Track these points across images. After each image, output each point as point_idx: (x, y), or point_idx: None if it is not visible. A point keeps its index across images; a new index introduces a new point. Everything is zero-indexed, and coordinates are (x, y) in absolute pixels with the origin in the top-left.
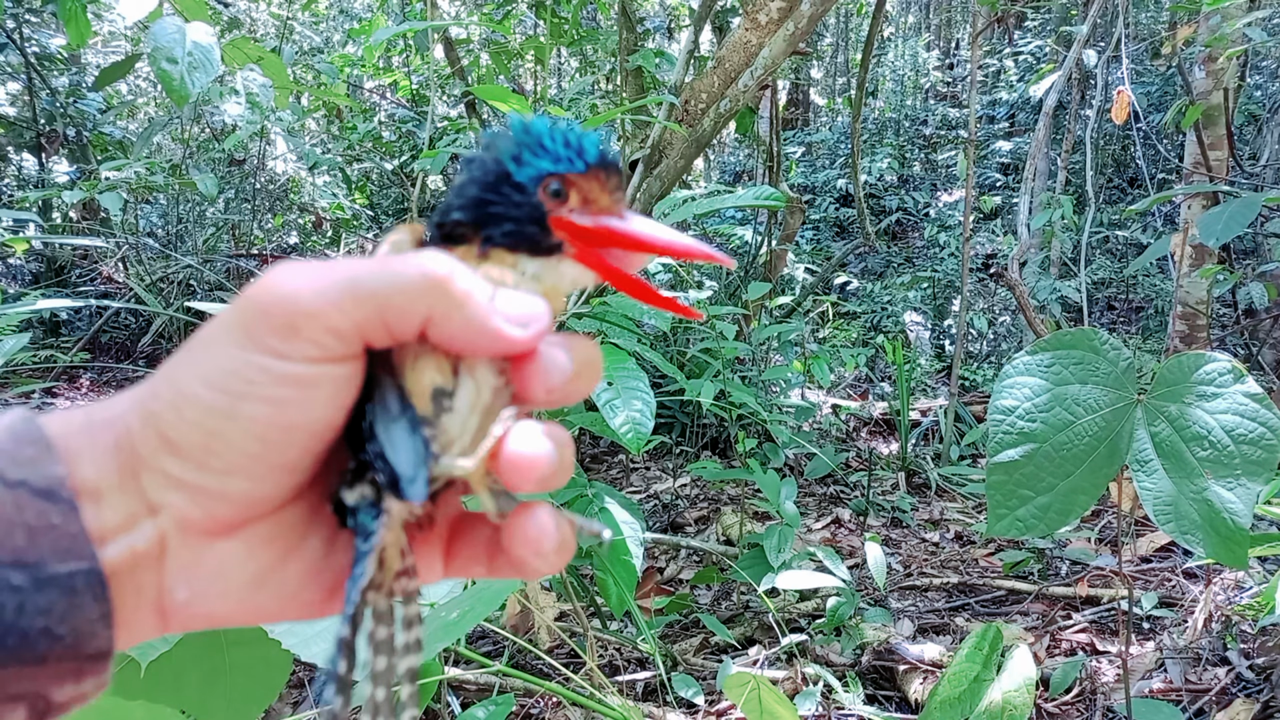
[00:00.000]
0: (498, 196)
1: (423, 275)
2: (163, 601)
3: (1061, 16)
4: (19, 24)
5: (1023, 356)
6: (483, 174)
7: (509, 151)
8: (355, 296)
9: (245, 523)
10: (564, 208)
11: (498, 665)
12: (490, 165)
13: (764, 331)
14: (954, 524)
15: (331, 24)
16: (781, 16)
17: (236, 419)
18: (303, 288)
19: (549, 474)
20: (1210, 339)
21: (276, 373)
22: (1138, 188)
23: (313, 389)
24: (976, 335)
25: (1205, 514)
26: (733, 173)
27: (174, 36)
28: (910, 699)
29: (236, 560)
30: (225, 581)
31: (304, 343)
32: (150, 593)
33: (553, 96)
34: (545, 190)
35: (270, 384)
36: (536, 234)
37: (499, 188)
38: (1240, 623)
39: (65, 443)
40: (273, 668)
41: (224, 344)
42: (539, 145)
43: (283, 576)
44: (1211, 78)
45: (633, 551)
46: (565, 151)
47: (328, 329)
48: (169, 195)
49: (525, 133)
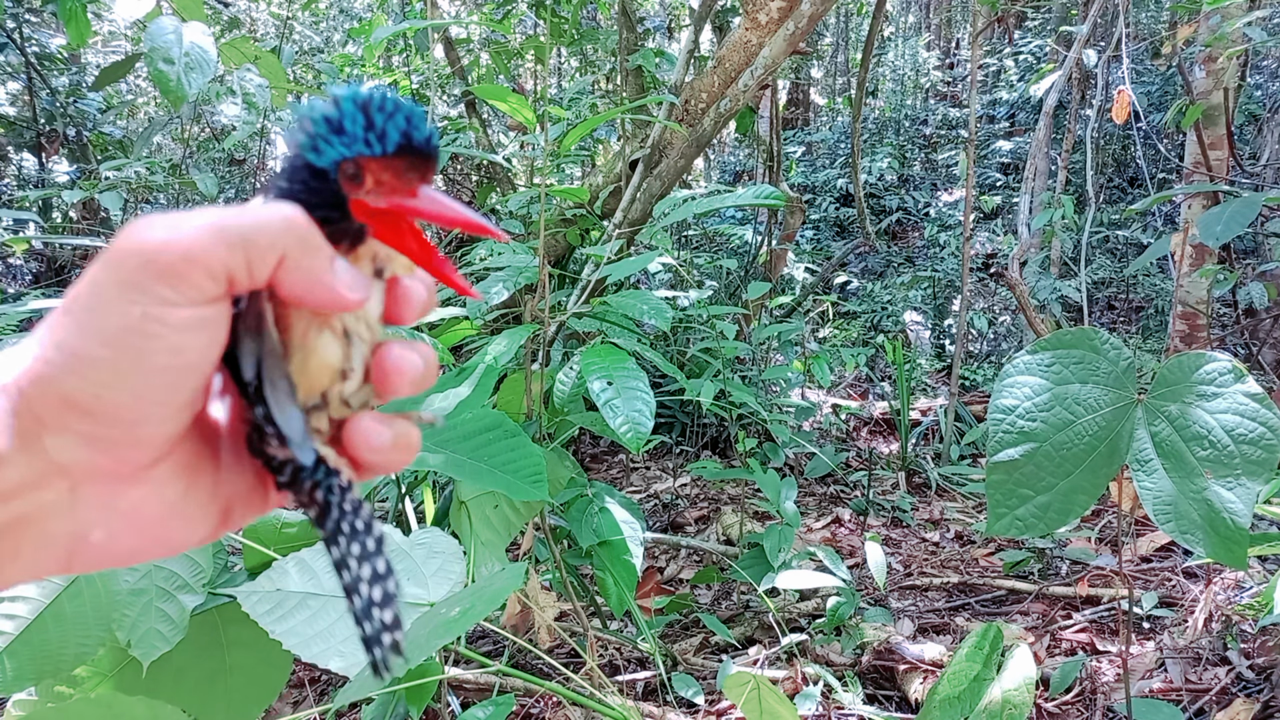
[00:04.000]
0: (302, 187)
1: (284, 218)
2: (75, 544)
3: (1061, 16)
4: (19, 24)
5: (1023, 356)
6: (289, 163)
7: (309, 138)
8: (226, 239)
9: (154, 463)
10: (360, 190)
11: (498, 665)
12: (293, 153)
13: (764, 331)
14: (954, 524)
15: (331, 24)
16: (781, 16)
17: (141, 371)
18: (178, 236)
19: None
20: (1210, 339)
21: (173, 320)
22: (1138, 188)
23: (202, 331)
24: (976, 335)
25: (1205, 514)
26: (733, 172)
27: (170, 37)
28: (910, 699)
29: (149, 499)
30: (139, 519)
31: (190, 287)
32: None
33: (553, 96)
34: (343, 175)
35: (169, 333)
36: (339, 220)
37: (303, 177)
38: (1240, 623)
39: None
40: (273, 668)
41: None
42: (339, 129)
43: (186, 507)
44: (1211, 78)
45: (633, 551)
46: (363, 134)
47: (206, 271)
48: (169, 195)
49: (327, 116)
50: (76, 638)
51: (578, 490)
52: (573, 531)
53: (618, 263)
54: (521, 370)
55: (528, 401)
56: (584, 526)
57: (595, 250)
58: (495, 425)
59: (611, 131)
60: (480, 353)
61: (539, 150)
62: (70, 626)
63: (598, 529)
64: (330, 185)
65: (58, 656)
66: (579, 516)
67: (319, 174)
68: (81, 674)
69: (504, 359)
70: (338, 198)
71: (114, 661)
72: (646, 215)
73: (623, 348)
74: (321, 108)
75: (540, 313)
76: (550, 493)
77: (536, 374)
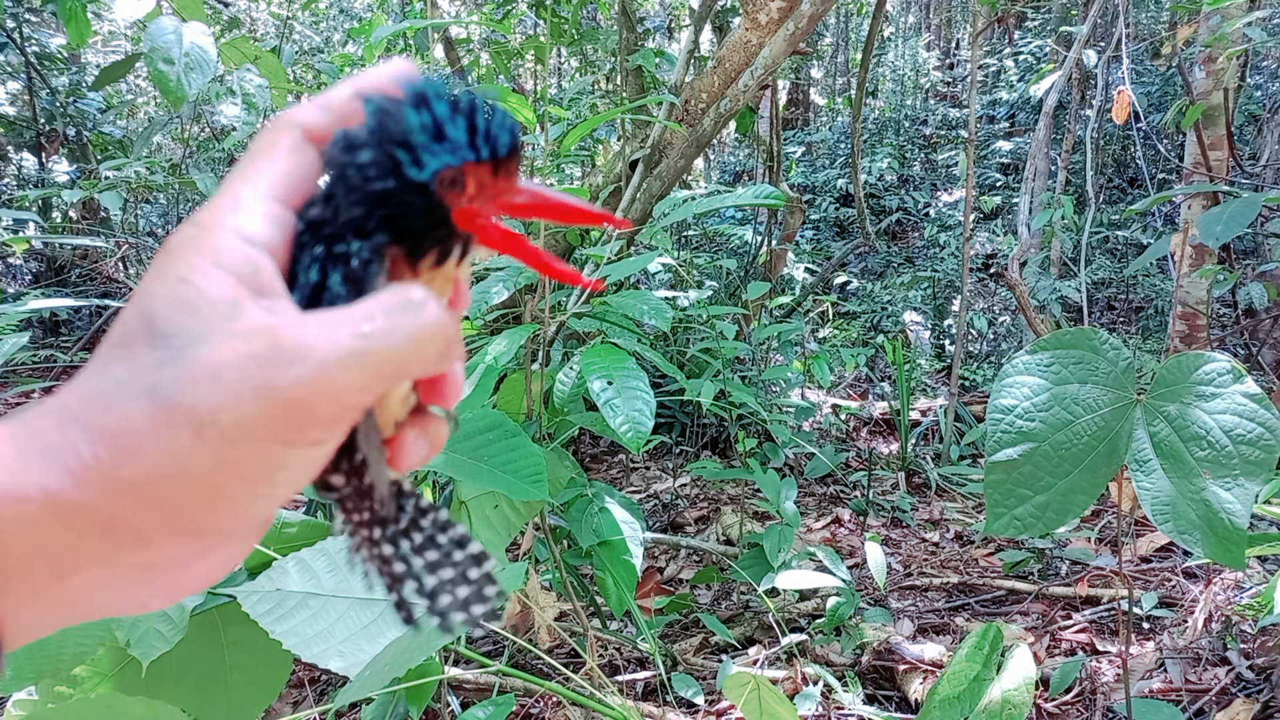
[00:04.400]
0: (405, 209)
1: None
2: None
3: (1061, 16)
4: (19, 24)
5: (1022, 356)
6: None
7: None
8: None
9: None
10: (463, 197)
11: (498, 665)
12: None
13: (764, 331)
14: (954, 524)
15: (331, 23)
16: (781, 16)
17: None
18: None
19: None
20: (1210, 339)
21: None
22: (1138, 188)
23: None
24: (976, 335)
25: (1203, 514)
26: (733, 172)
27: (170, 37)
28: (910, 699)
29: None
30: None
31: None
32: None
33: (553, 96)
34: (443, 183)
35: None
36: (447, 237)
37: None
38: (1240, 623)
39: None
40: (273, 668)
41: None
42: (438, 134)
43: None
44: (1211, 78)
45: (633, 551)
46: (468, 139)
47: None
48: (169, 195)
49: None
50: (76, 637)
51: (578, 490)
52: (573, 531)
53: (618, 263)
54: (521, 370)
55: (528, 401)
56: (584, 526)
57: (595, 250)
58: (495, 425)
59: (611, 131)
60: (480, 353)
61: (539, 150)
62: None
63: (598, 529)
64: (430, 198)
65: (57, 656)
66: (579, 516)
67: (416, 188)
68: (81, 673)
69: (504, 359)
70: (443, 210)
71: (114, 661)
72: (646, 215)
73: (623, 348)
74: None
75: (540, 313)
76: (550, 493)
77: (536, 374)
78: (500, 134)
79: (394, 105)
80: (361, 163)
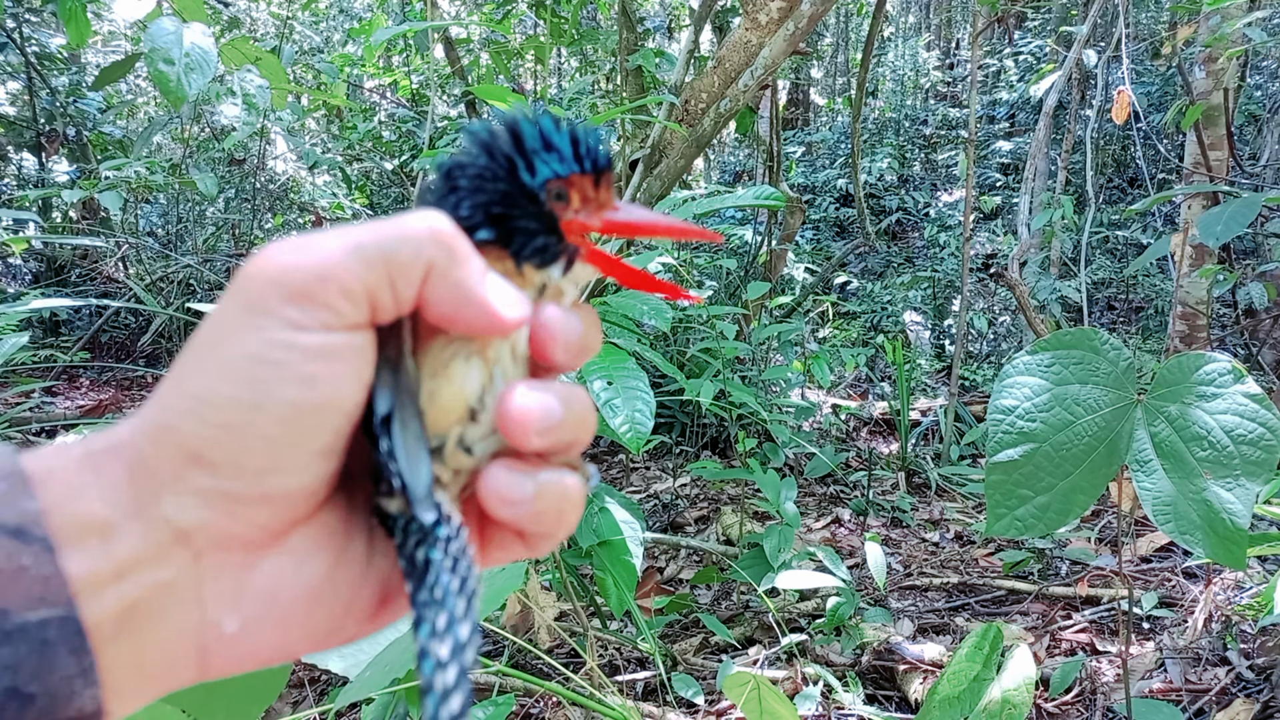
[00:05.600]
0: (518, 210)
1: (428, 227)
2: (206, 639)
3: (1061, 16)
4: (19, 23)
5: (1023, 356)
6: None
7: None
8: (364, 255)
9: (289, 527)
10: (569, 210)
11: (498, 665)
12: (501, 172)
13: (764, 331)
14: (954, 524)
15: (331, 24)
16: (781, 16)
17: (268, 407)
18: (308, 255)
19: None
20: (1210, 339)
21: (302, 346)
22: (1138, 188)
23: (337, 361)
24: (976, 335)
25: (1204, 514)
26: (733, 172)
27: (171, 37)
28: (910, 699)
29: (286, 576)
30: (277, 603)
31: (322, 309)
32: (189, 633)
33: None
34: (551, 195)
35: (298, 360)
36: (556, 245)
37: (516, 199)
38: (1240, 623)
39: (63, 477)
40: (273, 668)
41: (237, 331)
42: (545, 145)
43: (334, 588)
44: (1211, 78)
45: (633, 551)
46: (571, 150)
47: (342, 291)
48: (169, 195)
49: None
50: None
51: None
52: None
53: None
54: None
55: None
56: (584, 526)
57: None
58: None
59: (611, 131)
60: None
61: None
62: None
63: (598, 529)
64: (543, 208)
65: None
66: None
67: (528, 195)
68: None
69: None
70: (553, 220)
71: None
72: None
73: (623, 348)
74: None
75: None
76: None
77: None
78: (598, 147)
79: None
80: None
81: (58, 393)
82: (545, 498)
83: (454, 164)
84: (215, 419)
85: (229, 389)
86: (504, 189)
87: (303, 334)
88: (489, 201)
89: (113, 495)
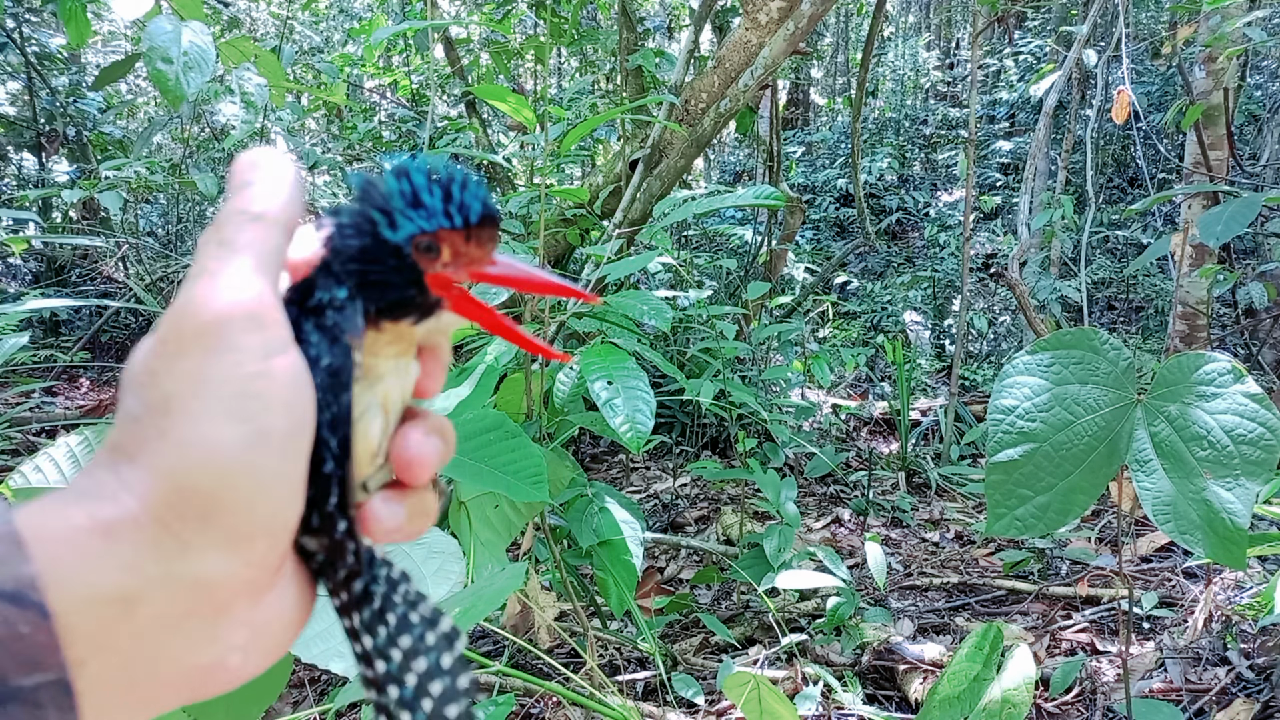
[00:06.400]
0: (377, 266)
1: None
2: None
3: (1061, 16)
4: (19, 23)
5: (1023, 356)
6: (358, 238)
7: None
8: None
9: (283, 562)
10: (437, 263)
11: (498, 665)
12: (365, 227)
13: (764, 331)
14: (954, 524)
15: (331, 24)
16: (781, 16)
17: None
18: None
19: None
20: (1210, 339)
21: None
22: (1138, 188)
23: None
24: (976, 335)
25: (1204, 514)
26: (733, 172)
27: (169, 36)
28: (910, 699)
29: (280, 606)
30: (272, 631)
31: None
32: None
33: (553, 96)
34: (418, 249)
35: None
36: (415, 297)
37: (377, 255)
38: (1240, 623)
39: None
40: (273, 668)
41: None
42: (414, 201)
43: (301, 608)
44: (1211, 78)
45: (633, 551)
46: (443, 207)
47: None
48: (169, 195)
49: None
50: None
51: (578, 490)
52: (573, 531)
53: (617, 263)
54: (521, 370)
55: (528, 401)
56: (584, 526)
57: (595, 250)
58: (496, 426)
59: (611, 131)
60: (480, 353)
61: (539, 150)
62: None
63: (598, 529)
64: (405, 262)
65: None
66: (579, 516)
67: (392, 250)
68: None
69: (504, 359)
70: (415, 274)
71: None
72: (646, 215)
73: (623, 348)
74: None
75: (540, 313)
76: (550, 493)
77: (536, 374)
78: (473, 203)
79: (377, 177)
80: (342, 224)
81: (58, 393)
82: (414, 519)
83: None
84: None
85: (229, 431)
86: (367, 246)
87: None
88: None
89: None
